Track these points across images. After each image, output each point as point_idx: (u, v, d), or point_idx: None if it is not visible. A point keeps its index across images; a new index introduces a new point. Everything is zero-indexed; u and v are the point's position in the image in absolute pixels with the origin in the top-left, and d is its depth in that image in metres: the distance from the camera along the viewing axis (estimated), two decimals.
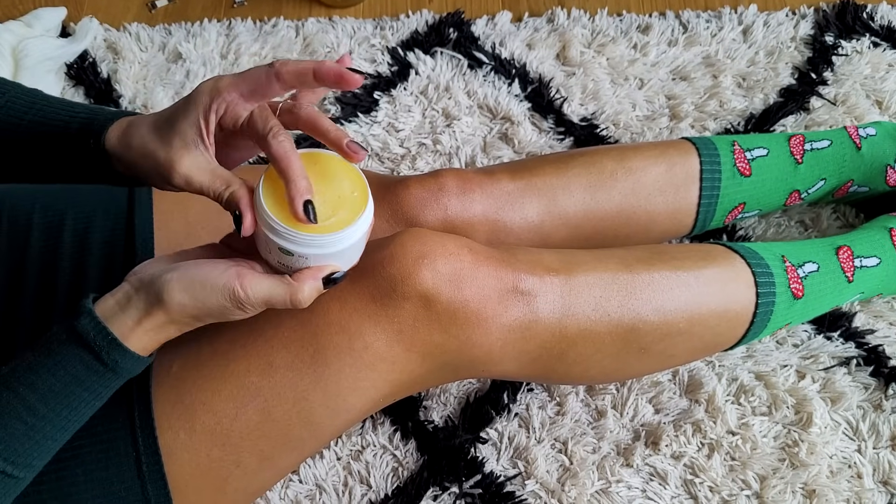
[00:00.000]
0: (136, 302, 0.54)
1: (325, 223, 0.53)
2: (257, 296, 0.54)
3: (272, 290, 0.54)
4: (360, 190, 0.55)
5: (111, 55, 1.16)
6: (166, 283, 0.53)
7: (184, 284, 0.53)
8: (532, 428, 0.89)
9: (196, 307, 0.54)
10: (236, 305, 0.54)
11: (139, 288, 0.54)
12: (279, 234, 0.53)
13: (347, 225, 0.54)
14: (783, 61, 1.14)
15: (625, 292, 0.72)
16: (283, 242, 0.53)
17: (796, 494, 0.84)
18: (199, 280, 0.53)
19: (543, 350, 0.70)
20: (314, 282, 0.55)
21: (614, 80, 1.14)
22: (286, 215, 0.53)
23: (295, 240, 0.53)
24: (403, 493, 0.85)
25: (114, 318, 0.54)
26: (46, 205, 0.74)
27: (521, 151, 1.08)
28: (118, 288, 0.56)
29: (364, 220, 0.55)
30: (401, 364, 0.66)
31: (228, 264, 0.55)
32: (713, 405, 0.88)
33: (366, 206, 0.55)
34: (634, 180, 0.85)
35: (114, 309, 0.54)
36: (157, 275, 0.54)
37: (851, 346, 0.93)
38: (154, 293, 0.54)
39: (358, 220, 0.54)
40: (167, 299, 0.53)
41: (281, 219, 0.53)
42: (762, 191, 0.90)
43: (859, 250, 0.85)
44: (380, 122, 1.10)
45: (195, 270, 0.54)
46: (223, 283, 0.53)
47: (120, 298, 0.55)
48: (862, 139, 0.92)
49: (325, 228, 0.53)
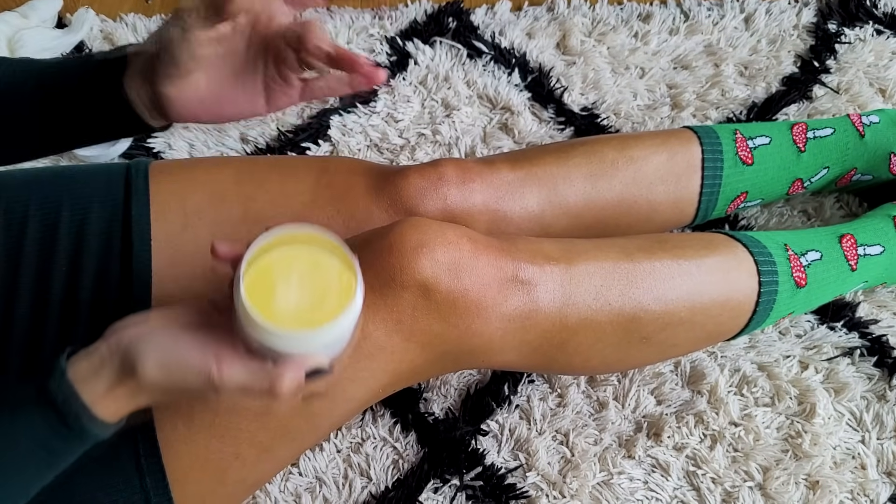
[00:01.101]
0: (110, 367, 0.51)
1: (310, 316, 0.50)
2: (233, 382, 0.50)
3: (250, 378, 0.51)
4: (349, 274, 0.52)
5: (108, 46, 1.15)
6: (141, 354, 0.51)
7: (159, 360, 0.50)
8: (533, 420, 0.88)
9: (168, 384, 0.51)
10: (210, 388, 0.51)
11: (115, 352, 0.51)
12: (260, 330, 0.49)
13: (333, 318, 0.50)
14: (786, 49, 1.13)
15: (626, 281, 0.71)
16: (266, 338, 0.49)
17: (799, 486, 0.84)
18: (174, 359, 0.51)
19: (544, 340, 0.70)
20: (296, 374, 0.51)
21: (615, 69, 1.13)
22: (269, 309, 0.49)
23: (278, 336, 0.49)
24: (404, 486, 0.85)
25: (85, 382, 0.51)
26: (43, 196, 0.73)
27: (522, 142, 1.07)
28: (95, 346, 0.53)
29: (351, 311, 0.51)
30: (400, 354, 0.66)
31: (208, 343, 0.51)
32: (715, 396, 0.88)
33: (354, 295, 0.51)
34: (635, 169, 0.84)
35: (87, 372, 0.51)
36: (135, 342, 0.51)
37: (855, 336, 0.92)
38: (128, 363, 0.51)
39: (345, 313, 0.50)
40: (140, 373, 0.50)
41: (263, 314, 0.49)
42: (764, 179, 0.89)
43: (863, 238, 0.85)
44: (378, 113, 1.10)
45: (173, 347, 0.51)
46: (199, 366, 0.50)
47: (94, 361, 0.52)
48: (865, 127, 0.91)
49: (309, 323, 0.50)
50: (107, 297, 0.68)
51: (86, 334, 0.65)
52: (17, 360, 0.64)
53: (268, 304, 0.50)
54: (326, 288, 0.52)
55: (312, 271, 0.52)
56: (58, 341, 0.65)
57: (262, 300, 0.50)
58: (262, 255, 0.52)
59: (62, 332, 0.65)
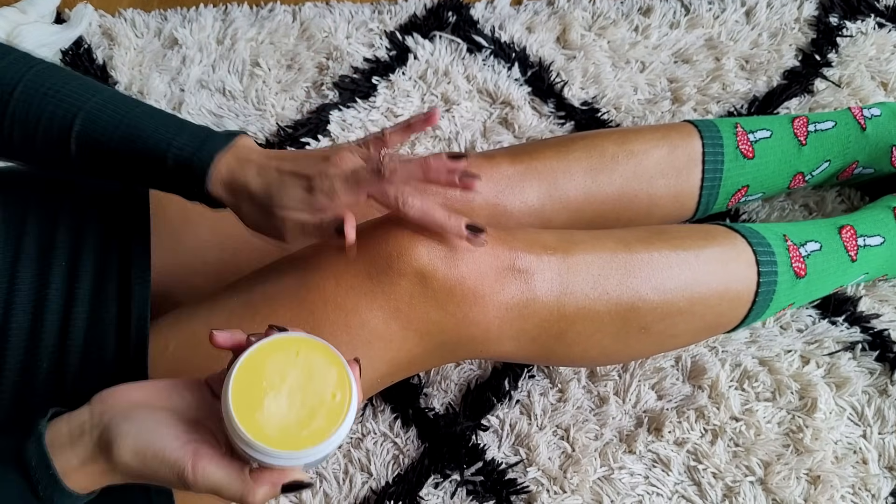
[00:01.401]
0: (88, 441, 0.50)
1: (296, 434, 0.48)
2: (206, 483, 0.49)
3: (223, 482, 0.50)
4: (344, 391, 0.50)
5: (106, 41, 1.15)
6: (119, 437, 0.49)
7: (136, 447, 0.49)
8: (534, 415, 0.88)
9: (142, 472, 0.50)
10: (181, 485, 0.50)
11: (96, 425, 0.51)
12: (246, 443, 0.48)
13: (322, 440, 0.49)
14: (787, 43, 1.13)
15: (623, 271, 0.71)
16: (250, 451, 0.48)
17: (801, 480, 0.84)
18: (152, 449, 0.49)
19: (542, 329, 0.70)
20: (273, 488, 0.50)
21: (615, 63, 1.12)
22: (254, 421, 0.48)
23: (263, 452, 0.48)
24: (404, 481, 0.85)
25: (61, 451, 0.50)
26: (42, 192, 0.73)
27: (522, 136, 1.07)
28: (78, 413, 0.52)
29: (342, 431, 0.49)
30: (398, 342, 0.66)
31: (190, 437, 0.50)
32: (716, 391, 0.88)
33: (346, 415, 0.50)
34: (636, 163, 0.84)
35: (64, 439, 0.50)
36: (117, 421, 0.50)
37: (856, 330, 0.92)
38: (105, 442, 0.50)
39: (332, 437, 0.49)
40: (115, 456, 0.50)
41: (247, 427, 0.47)
42: (766, 173, 0.88)
43: (862, 229, 0.84)
44: (378, 108, 1.09)
45: (152, 434, 0.50)
46: (175, 460, 0.49)
47: (74, 429, 0.51)
48: (867, 120, 0.91)
49: (295, 444, 0.48)
50: (106, 291, 0.68)
51: (85, 327, 0.65)
52: (17, 356, 0.64)
53: (254, 414, 0.48)
54: (317, 405, 0.50)
55: (306, 384, 0.50)
56: (58, 335, 0.65)
57: (249, 409, 0.48)
58: (257, 358, 0.50)
59: (62, 325, 0.65)
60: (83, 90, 0.63)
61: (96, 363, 0.64)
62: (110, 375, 0.64)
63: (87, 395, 0.63)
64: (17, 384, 0.63)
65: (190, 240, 0.76)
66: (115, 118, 0.63)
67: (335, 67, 1.12)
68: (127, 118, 0.63)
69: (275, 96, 1.10)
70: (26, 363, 0.64)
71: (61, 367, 0.64)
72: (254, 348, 0.50)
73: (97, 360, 0.64)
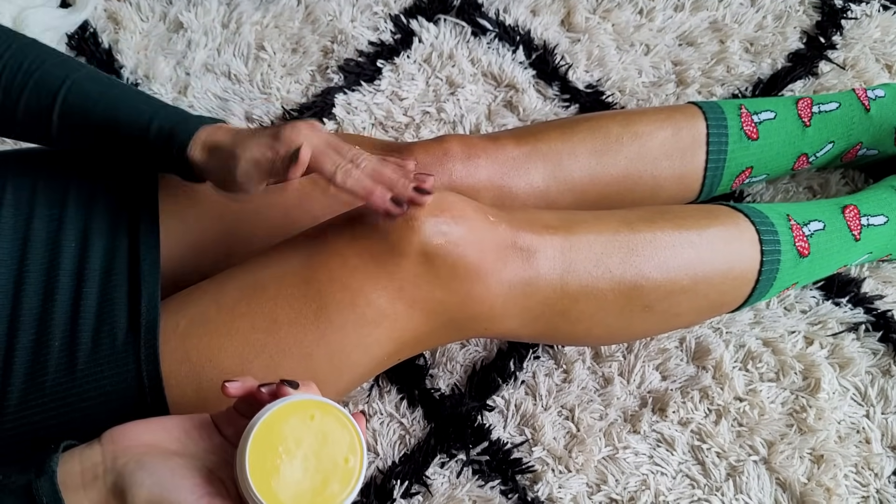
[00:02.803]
0: (101, 487, 0.50)
1: (312, 502, 0.50)
2: None
3: None
4: (356, 455, 0.52)
5: (112, 25, 1.15)
6: (133, 486, 0.50)
7: (150, 498, 0.50)
8: (539, 395, 0.88)
9: None
10: None
11: (109, 470, 0.51)
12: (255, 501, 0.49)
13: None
14: (791, 25, 1.13)
15: (626, 249, 0.72)
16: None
17: (804, 460, 0.84)
18: (167, 501, 0.50)
19: (546, 307, 0.70)
20: None
21: (620, 46, 1.12)
22: (272, 492, 0.49)
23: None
24: (410, 461, 0.85)
25: (73, 492, 0.50)
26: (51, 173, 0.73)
27: (526, 119, 1.07)
28: (89, 451, 0.52)
29: (353, 495, 0.51)
30: (403, 321, 0.66)
31: (203, 492, 0.51)
32: (720, 371, 0.88)
33: (357, 480, 0.51)
34: (640, 145, 0.84)
35: (76, 480, 0.50)
36: (131, 469, 0.50)
37: (860, 311, 0.92)
38: (119, 489, 0.50)
39: (346, 500, 0.51)
40: None
41: (263, 494, 0.49)
42: (770, 154, 0.89)
43: (866, 209, 0.85)
44: (383, 91, 1.09)
45: (167, 487, 0.50)
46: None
47: (87, 470, 0.51)
48: (871, 101, 0.91)
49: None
50: (116, 270, 0.68)
51: (96, 306, 0.66)
52: (29, 335, 0.65)
53: (270, 480, 0.49)
54: (331, 470, 0.51)
55: (320, 449, 0.51)
56: (69, 315, 0.66)
57: (266, 475, 0.49)
58: (274, 422, 0.51)
59: (73, 305, 0.66)
60: (66, 65, 0.69)
61: (108, 342, 0.65)
62: (121, 354, 0.64)
63: (98, 374, 0.64)
64: (29, 363, 0.64)
65: (198, 222, 0.77)
66: (100, 89, 0.69)
67: (340, 51, 1.12)
68: (112, 90, 0.69)
69: (280, 80, 1.10)
70: (38, 342, 0.64)
71: (73, 346, 0.64)
72: (269, 413, 0.51)
73: (108, 339, 0.65)
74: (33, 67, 0.67)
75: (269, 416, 0.50)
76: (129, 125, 0.67)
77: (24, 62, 0.68)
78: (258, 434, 0.50)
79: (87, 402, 0.64)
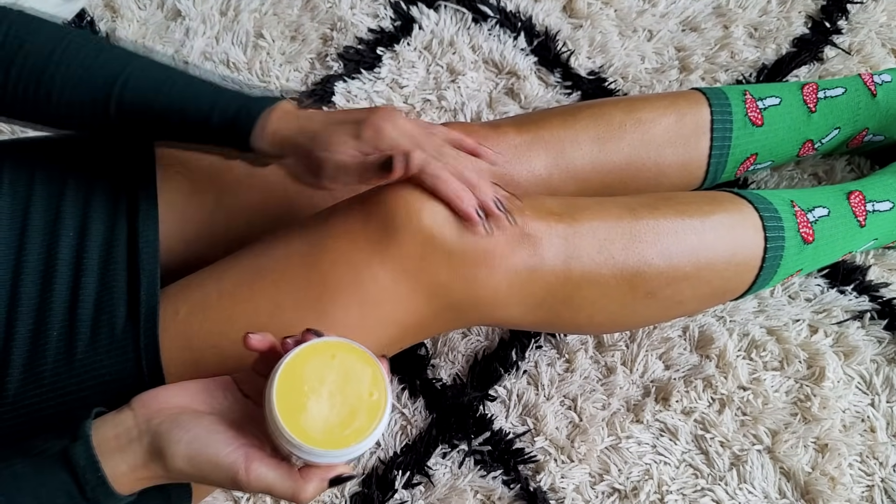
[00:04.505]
0: (138, 448, 0.53)
1: (340, 435, 0.52)
2: (260, 483, 0.53)
3: (276, 482, 0.53)
4: (380, 389, 0.54)
5: (109, 13, 1.14)
6: (172, 444, 0.52)
7: (189, 453, 0.53)
8: (541, 385, 0.88)
9: (195, 476, 0.54)
10: (235, 486, 0.53)
11: (144, 432, 0.53)
12: (295, 446, 0.52)
13: (363, 437, 0.53)
14: (796, 10, 1.11)
15: (629, 236, 0.71)
16: (299, 453, 0.52)
17: (808, 449, 0.84)
18: (205, 454, 0.53)
19: (548, 293, 0.70)
20: (321, 483, 0.54)
21: (622, 32, 1.11)
22: (299, 424, 0.51)
23: (312, 453, 0.52)
24: (412, 451, 0.85)
25: (109, 456, 0.53)
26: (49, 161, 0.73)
27: (528, 107, 1.06)
28: (122, 417, 0.54)
29: (381, 426, 0.53)
30: (406, 303, 0.66)
31: (239, 442, 0.53)
32: (724, 360, 0.88)
33: (384, 411, 0.54)
34: (643, 131, 0.83)
35: (112, 444, 0.53)
36: (167, 429, 0.53)
37: (865, 299, 0.92)
38: (157, 449, 0.53)
39: (374, 431, 0.53)
40: (169, 464, 0.53)
41: (294, 430, 0.51)
42: (775, 141, 0.88)
43: (871, 195, 0.84)
44: (383, 79, 1.08)
45: (204, 441, 0.53)
46: (229, 464, 0.52)
47: (121, 434, 0.53)
48: (877, 86, 0.90)
49: (340, 442, 0.52)
50: (115, 258, 0.68)
51: (95, 295, 0.66)
52: (27, 325, 0.64)
53: (298, 417, 0.52)
54: (357, 404, 0.53)
55: (344, 385, 0.54)
56: (68, 303, 0.65)
57: (294, 414, 0.52)
58: (296, 364, 0.53)
59: (72, 293, 0.66)
60: (120, 56, 0.67)
61: (106, 330, 0.64)
62: (120, 342, 0.64)
63: (97, 363, 0.64)
64: (27, 352, 0.64)
65: (197, 209, 0.76)
66: (158, 80, 0.66)
67: (339, 38, 1.11)
68: (168, 80, 0.66)
69: (279, 68, 1.09)
70: (36, 331, 0.64)
71: (72, 335, 0.64)
72: (291, 355, 0.53)
73: (107, 328, 0.64)
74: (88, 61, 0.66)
75: (291, 358, 0.53)
76: (190, 117, 0.66)
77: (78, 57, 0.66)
78: (282, 376, 0.52)
79: (86, 390, 0.64)
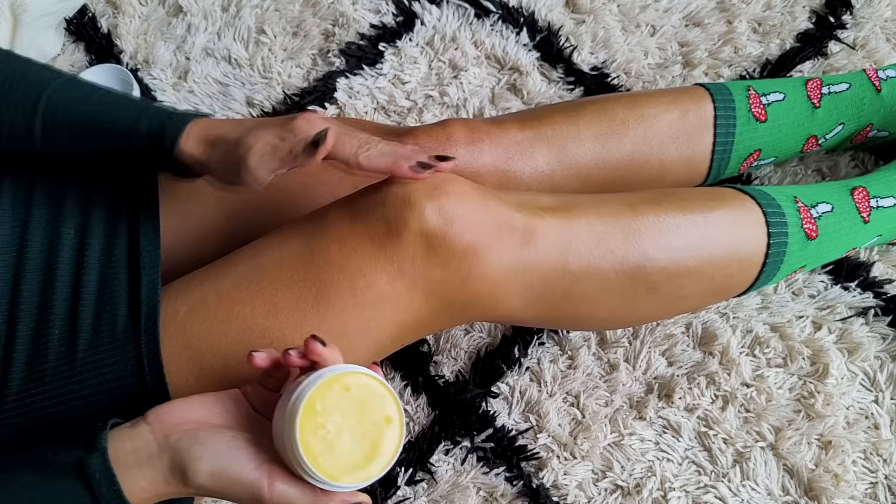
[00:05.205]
0: (158, 464, 0.53)
1: (364, 469, 0.53)
2: (281, 501, 0.53)
3: (299, 500, 0.54)
4: (393, 409, 0.55)
5: (111, 10, 1.14)
6: (193, 461, 0.53)
7: (212, 470, 0.53)
8: (544, 382, 0.88)
9: (215, 492, 0.54)
10: (257, 502, 0.53)
11: (164, 449, 0.53)
12: (326, 484, 0.53)
13: (385, 466, 0.54)
14: (800, 5, 1.11)
15: (629, 230, 0.71)
16: (324, 487, 0.53)
17: (812, 446, 0.84)
18: (227, 471, 0.53)
19: (547, 287, 0.69)
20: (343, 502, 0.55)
21: (625, 27, 1.11)
22: (327, 468, 0.52)
23: (338, 487, 0.53)
24: (415, 448, 0.85)
25: (127, 470, 0.53)
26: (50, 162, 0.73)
27: (530, 102, 1.06)
28: (138, 430, 0.54)
29: (397, 454, 0.54)
30: (404, 303, 0.66)
31: (261, 459, 0.54)
32: (727, 357, 0.87)
33: (400, 440, 0.54)
34: (646, 127, 0.83)
35: (129, 457, 0.53)
36: (189, 446, 0.53)
37: (869, 295, 0.91)
38: (179, 465, 0.53)
39: (396, 455, 0.54)
40: (191, 481, 0.53)
41: (323, 472, 0.52)
42: (778, 136, 0.87)
43: (875, 190, 0.83)
44: (385, 75, 1.08)
45: (228, 458, 0.53)
46: (251, 481, 0.53)
47: (139, 449, 0.53)
48: (882, 81, 0.89)
49: (364, 475, 0.53)
50: (116, 257, 0.68)
51: (96, 293, 0.66)
52: (29, 323, 0.64)
53: (325, 459, 0.52)
54: (377, 434, 0.54)
55: (361, 416, 0.54)
56: (69, 302, 0.65)
57: (319, 456, 0.52)
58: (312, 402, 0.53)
59: (73, 292, 0.66)
60: (46, 72, 0.68)
61: (107, 329, 0.64)
62: (121, 341, 0.64)
63: (98, 362, 0.64)
64: (29, 350, 0.64)
65: (197, 208, 0.76)
66: (83, 93, 0.67)
67: (341, 34, 1.11)
68: (94, 94, 0.67)
69: (281, 64, 1.09)
70: (38, 330, 0.64)
71: (73, 334, 0.64)
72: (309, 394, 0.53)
73: (108, 326, 0.64)
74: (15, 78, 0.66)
75: (309, 397, 0.53)
76: (116, 126, 0.66)
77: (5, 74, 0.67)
78: (303, 418, 0.52)
79: (87, 389, 0.64)
